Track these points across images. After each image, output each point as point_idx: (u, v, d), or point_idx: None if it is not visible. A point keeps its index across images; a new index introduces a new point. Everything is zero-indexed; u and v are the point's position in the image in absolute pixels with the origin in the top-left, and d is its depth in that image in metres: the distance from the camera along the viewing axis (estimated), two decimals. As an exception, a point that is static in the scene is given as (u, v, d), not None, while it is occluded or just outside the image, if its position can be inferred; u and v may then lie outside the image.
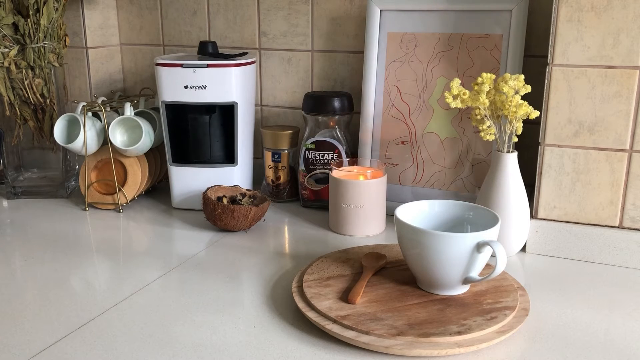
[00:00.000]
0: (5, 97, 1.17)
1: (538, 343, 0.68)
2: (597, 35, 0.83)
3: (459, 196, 1.03)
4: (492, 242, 0.70)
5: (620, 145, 0.85)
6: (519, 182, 0.89)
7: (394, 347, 0.64)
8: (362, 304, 0.72)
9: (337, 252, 0.88)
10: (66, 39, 1.23)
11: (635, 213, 0.87)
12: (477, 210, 0.80)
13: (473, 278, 0.73)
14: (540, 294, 0.79)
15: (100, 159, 1.15)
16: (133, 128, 1.13)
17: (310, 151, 1.11)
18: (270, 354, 0.65)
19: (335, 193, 1.01)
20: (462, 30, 1.03)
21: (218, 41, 1.24)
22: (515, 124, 0.87)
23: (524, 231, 0.90)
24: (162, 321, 0.73)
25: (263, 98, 1.28)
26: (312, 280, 0.78)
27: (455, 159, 1.05)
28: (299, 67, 1.24)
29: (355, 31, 1.17)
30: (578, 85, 0.85)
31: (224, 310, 0.75)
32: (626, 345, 0.67)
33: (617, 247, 0.87)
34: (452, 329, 0.66)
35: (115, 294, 0.79)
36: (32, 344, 0.67)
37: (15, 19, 1.13)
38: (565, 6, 0.84)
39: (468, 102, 0.87)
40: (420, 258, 0.73)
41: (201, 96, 1.07)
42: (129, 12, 1.36)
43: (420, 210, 0.81)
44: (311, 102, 1.11)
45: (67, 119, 1.13)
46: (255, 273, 0.86)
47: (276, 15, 1.23)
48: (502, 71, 1.00)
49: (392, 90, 1.09)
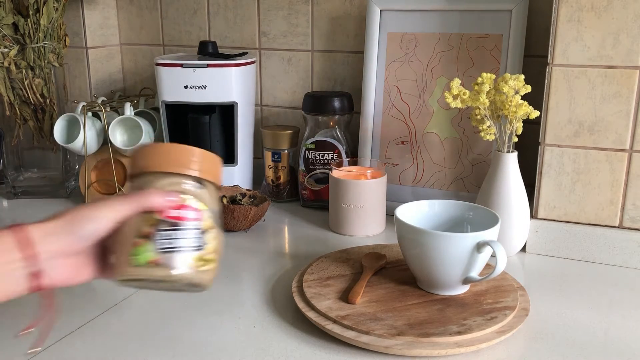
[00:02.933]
0: (5, 97, 1.17)
1: (538, 343, 0.68)
2: (597, 35, 0.83)
3: (459, 196, 1.03)
4: (492, 242, 0.70)
5: (620, 145, 0.85)
6: (519, 182, 0.89)
7: (394, 347, 0.64)
8: (362, 304, 0.72)
9: (337, 252, 0.88)
10: (66, 39, 1.23)
11: (635, 213, 0.87)
12: (477, 210, 0.80)
13: (473, 278, 0.73)
14: (540, 294, 0.79)
15: (100, 159, 1.15)
16: (133, 128, 1.13)
17: (310, 151, 1.11)
18: (270, 354, 0.65)
19: (335, 193, 1.01)
20: (462, 30, 1.03)
21: (218, 41, 1.24)
22: (515, 124, 0.87)
23: (524, 231, 0.90)
24: (162, 321, 0.73)
25: (263, 98, 1.28)
26: (312, 280, 0.78)
27: (455, 159, 1.05)
28: (299, 67, 1.24)
29: (355, 31, 1.17)
30: (578, 85, 0.85)
31: (224, 310, 0.75)
32: (626, 345, 0.67)
33: (617, 247, 0.87)
34: (452, 329, 0.66)
35: (115, 294, 0.79)
36: (32, 344, 0.67)
37: (15, 19, 1.13)
38: (565, 6, 0.84)
39: (468, 102, 0.87)
40: (420, 258, 0.73)
41: (201, 96, 1.07)
42: (129, 12, 1.36)
43: (420, 210, 0.81)
44: (311, 102, 1.11)
45: (67, 119, 1.13)
46: (255, 273, 0.86)
47: (276, 15, 1.23)
48: (502, 71, 1.00)
49: (392, 90, 1.09)
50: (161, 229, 0.51)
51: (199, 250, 0.53)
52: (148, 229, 0.51)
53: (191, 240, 0.52)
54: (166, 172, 0.53)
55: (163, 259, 0.51)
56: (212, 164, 0.56)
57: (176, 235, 0.52)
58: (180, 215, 0.52)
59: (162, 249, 0.51)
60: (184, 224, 0.52)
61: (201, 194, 0.54)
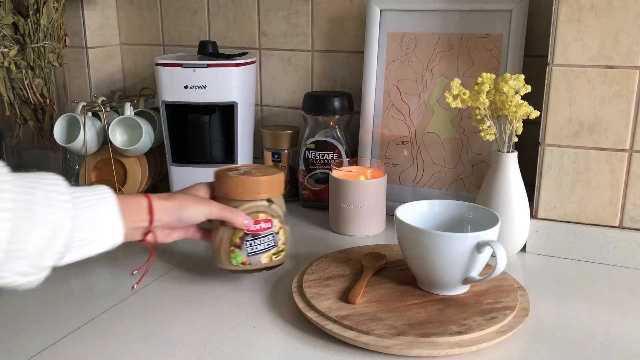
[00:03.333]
0: (5, 97, 1.17)
1: (538, 343, 0.68)
2: (597, 35, 0.83)
3: (459, 196, 1.03)
4: (492, 242, 0.70)
5: (620, 145, 0.85)
6: (519, 182, 0.89)
7: (394, 347, 0.64)
8: (362, 304, 0.72)
9: (337, 252, 0.88)
10: (66, 39, 1.23)
11: (635, 213, 0.87)
12: (477, 210, 0.80)
13: (473, 278, 0.73)
14: (540, 294, 0.79)
15: (100, 159, 1.15)
16: (133, 128, 1.13)
17: (310, 151, 1.11)
18: (270, 354, 0.65)
19: (335, 193, 1.01)
20: (462, 30, 1.03)
21: (218, 41, 1.24)
22: (515, 124, 0.87)
23: (524, 231, 0.90)
24: (162, 321, 0.73)
25: (263, 98, 1.28)
26: (312, 280, 0.78)
27: (455, 159, 1.05)
28: (299, 67, 1.24)
29: (355, 31, 1.17)
30: (578, 85, 0.85)
31: (224, 310, 0.75)
32: (626, 346, 0.67)
33: (617, 247, 0.87)
34: (452, 329, 0.66)
35: (115, 294, 0.79)
36: (32, 344, 0.67)
37: (15, 19, 1.13)
38: (565, 6, 0.84)
39: (468, 102, 0.87)
40: (420, 258, 0.73)
41: (201, 96, 1.07)
42: (129, 12, 1.36)
43: (420, 210, 0.81)
44: (311, 102, 1.11)
45: (67, 119, 1.13)
46: (255, 273, 0.86)
47: (276, 15, 1.23)
48: (502, 71, 1.00)
49: (392, 90, 1.09)
50: (246, 240, 0.76)
51: (274, 247, 0.78)
52: (238, 241, 0.76)
53: (267, 243, 0.78)
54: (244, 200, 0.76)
55: (250, 260, 0.77)
56: (276, 184, 0.79)
57: (256, 242, 0.77)
58: (258, 228, 0.76)
59: (248, 254, 0.77)
60: (261, 234, 0.77)
61: (271, 209, 0.78)
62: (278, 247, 0.79)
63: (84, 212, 0.60)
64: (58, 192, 0.58)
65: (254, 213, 0.76)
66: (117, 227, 0.64)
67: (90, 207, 0.61)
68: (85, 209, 0.61)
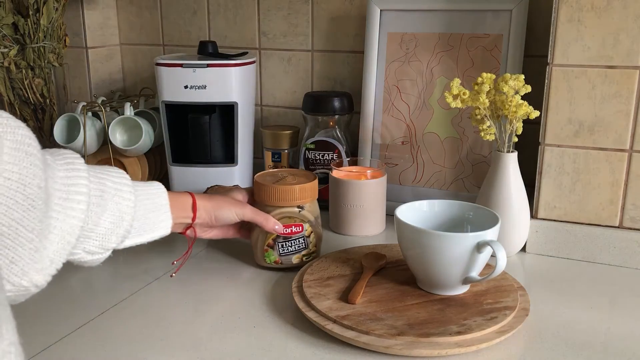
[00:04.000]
0: (5, 97, 1.17)
1: (538, 343, 0.68)
2: (597, 35, 0.83)
3: (459, 196, 1.03)
4: (492, 242, 0.70)
5: (620, 145, 0.85)
6: (519, 182, 0.89)
7: (394, 347, 0.64)
8: (362, 304, 0.72)
9: (337, 252, 0.88)
10: (66, 39, 1.23)
11: (635, 213, 0.87)
12: (477, 210, 0.80)
13: (473, 278, 0.73)
14: (540, 294, 0.79)
15: (100, 159, 1.15)
16: (133, 128, 1.13)
17: (310, 151, 1.11)
18: (270, 354, 0.65)
19: (335, 193, 1.01)
20: (462, 30, 1.03)
21: (218, 41, 1.24)
22: (515, 124, 0.87)
23: (524, 231, 0.90)
24: (162, 321, 0.73)
25: (263, 98, 1.28)
26: (312, 280, 0.78)
27: (455, 159, 1.05)
28: (299, 67, 1.24)
29: (355, 31, 1.17)
30: (578, 85, 0.85)
31: (224, 310, 0.75)
32: (626, 346, 0.67)
33: (617, 247, 0.87)
34: (452, 329, 0.66)
35: (115, 294, 0.79)
36: (32, 344, 0.67)
37: (15, 19, 1.13)
38: (565, 6, 0.84)
39: (468, 102, 0.87)
40: (420, 258, 0.73)
41: (201, 96, 1.07)
42: (129, 12, 1.36)
43: (420, 210, 0.81)
44: (311, 102, 1.11)
45: (67, 119, 1.13)
46: (255, 273, 0.86)
47: (276, 15, 1.23)
48: (502, 71, 1.00)
49: (392, 90, 1.09)
50: (278, 242, 0.84)
51: (305, 249, 0.86)
52: (271, 242, 0.84)
53: (298, 245, 0.85)
54: (277, 206, 0.84)
55: (282, 259, 0.85)
56: (309, 191, 0.86)
57: (287, 244, 0.85)
58: (289, 232, 0.84)
59: (280, 254, 0.85)
60: (292, 237, 0.85)
61: (301, 214, 0.85)
62: (309, 249, 0.86)
63: (143, 203, 0.69)
64: (123, 184, 0.66)
65: (284, 218, 0.84)
66: (167, 220, 0.72)
67: (148, 200, 0.70)
68: (144, 201, 0.69)
